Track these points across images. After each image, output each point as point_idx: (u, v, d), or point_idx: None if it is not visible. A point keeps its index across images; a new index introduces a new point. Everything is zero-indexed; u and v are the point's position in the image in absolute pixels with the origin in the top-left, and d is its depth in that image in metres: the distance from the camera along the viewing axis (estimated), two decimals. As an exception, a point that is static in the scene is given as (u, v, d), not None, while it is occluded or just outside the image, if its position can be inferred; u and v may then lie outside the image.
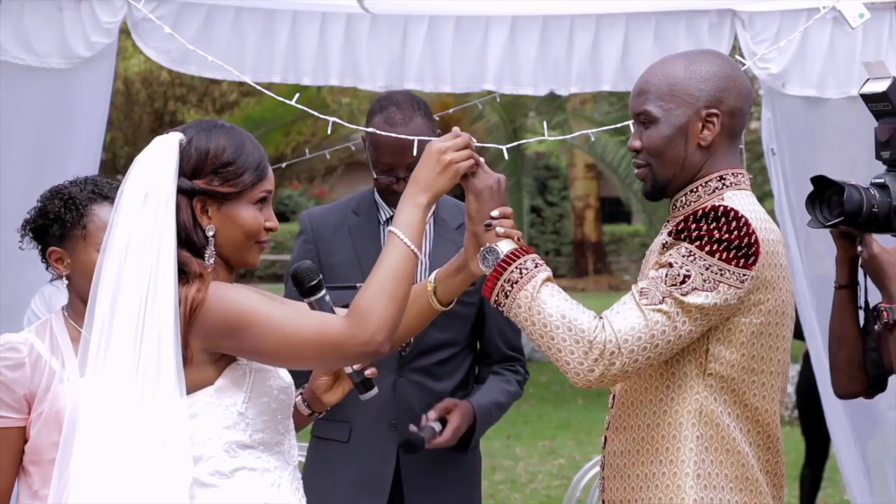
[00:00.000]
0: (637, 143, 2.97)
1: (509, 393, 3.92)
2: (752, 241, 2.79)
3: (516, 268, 2.81)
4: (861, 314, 3.41)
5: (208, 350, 2.62)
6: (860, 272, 3.39)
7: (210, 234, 2.66)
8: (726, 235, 2.78)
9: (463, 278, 2.96)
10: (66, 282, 3.20)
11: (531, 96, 5.44)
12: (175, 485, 2.54)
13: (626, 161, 17.34)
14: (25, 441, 3.05)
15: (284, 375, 2.76)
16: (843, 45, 4.92)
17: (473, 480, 3.96)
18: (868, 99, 3.35)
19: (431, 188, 2.73)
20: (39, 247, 3.24)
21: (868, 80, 3.38)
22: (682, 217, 2.86)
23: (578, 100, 17.98)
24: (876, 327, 3.33)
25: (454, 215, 3.88)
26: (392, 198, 3.83)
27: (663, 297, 2.76)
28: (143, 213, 2.59)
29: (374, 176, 3.84)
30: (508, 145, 4.84)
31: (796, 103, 5.02)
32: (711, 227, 2.78)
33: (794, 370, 11.05)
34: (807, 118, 5.06)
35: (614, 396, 3.00)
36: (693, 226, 2.79)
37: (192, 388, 2.61)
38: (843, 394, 3.48)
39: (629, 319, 2.75)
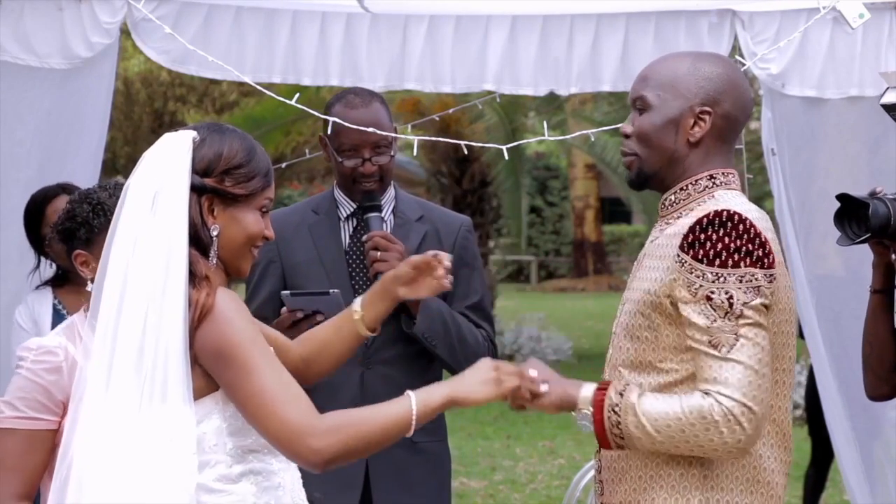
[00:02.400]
0: (629, 129, 2.97)
1: (468, 325, 3.91)
2: (763, 240, 2.80)
3: (609, 410, 2.79)
4: None
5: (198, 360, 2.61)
6: None
7: (214, 233, 2.66)
8: (737, 242, 2.77)
9: (387, 305, 3.06)
10: (90, 286, 3.20)
11: (531, 96, 5.43)
12: (181, 486, 2.54)
13: (625, 161, 17.30)
14: (56, 443, 3.04)
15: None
16: (843, 46, 4.91)
17: (442, 479, 3.98)
18: (889, 109, 3.38)
19: (464, 391, 2.69)
20: (66, 249, 3.24)
21: (887, 89, 3.40)
22: (686, 228, 2.83)
23: (578, 100, 17.97)
24: None
25: (412, 208, 4.00)
26: (358, 186, 3.90)
27: (735, 333, 2.75)
28: (154, 211, 2.58)
29: (339, 160, 3.90)
30: (509, 145, 4.84)
31: (796, 103, 5.02)
32: (720, 234, 2.77)
33: (797, 368, 10.87)
34: (807, 118, 5.06)
35: None
36: (702, 236, 2.78)
37: (197, 394, 2.59)
38: (873, 395, 3.50)
39: (731, 376, 2.73)
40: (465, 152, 5.32)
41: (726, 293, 2.75)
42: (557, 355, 16.79)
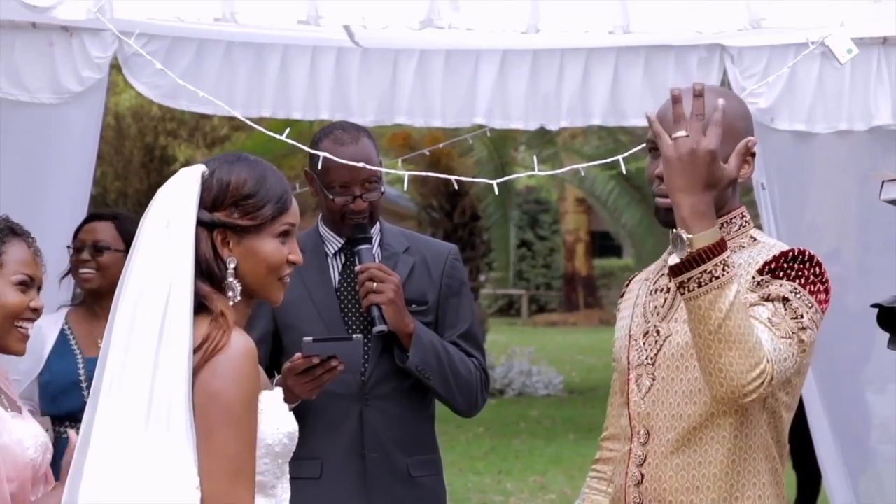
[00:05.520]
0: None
1: (460, 355, 3.89)
2: (829, 286, 2.84)
3: (721, 262, 2.66)
4: None
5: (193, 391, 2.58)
6: None
7: (231, 266, 2.63)
8: (813, 278, 2.81)
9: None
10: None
11: (521, 130, 5.44)
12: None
13: (615, 195, 17.35)
14: None
15: (292, 421, 2.70)
16: (832, 81, 4.93)
17: None
18: (893, 203, 3.54)
19: None
20: None
21: (883, 183, 3.52)
22: (770, 257, 2.84)
23: (569, 133, 18.01)
24: None
25: (398, 240, 3.97)
26: (347, 222, 3.87)
27: (791, 333, 2.77)
28: (165, 244, 2.56)
29: (330, 197, 3.86)
30: (499, 179, 4.83)
31: (785, 138, 5.04)
32: (803, 267, 2.81)
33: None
34: (796, 152, 5.08)
35: (648, 432, 2.93)
36: (785, 265, 2.81)
37: None
38: None
39: (774, 342, 2.74)
40: (456, 186, 5.33)
41: (798, 309, 2.78)
42: (548, 390, 16.76)
